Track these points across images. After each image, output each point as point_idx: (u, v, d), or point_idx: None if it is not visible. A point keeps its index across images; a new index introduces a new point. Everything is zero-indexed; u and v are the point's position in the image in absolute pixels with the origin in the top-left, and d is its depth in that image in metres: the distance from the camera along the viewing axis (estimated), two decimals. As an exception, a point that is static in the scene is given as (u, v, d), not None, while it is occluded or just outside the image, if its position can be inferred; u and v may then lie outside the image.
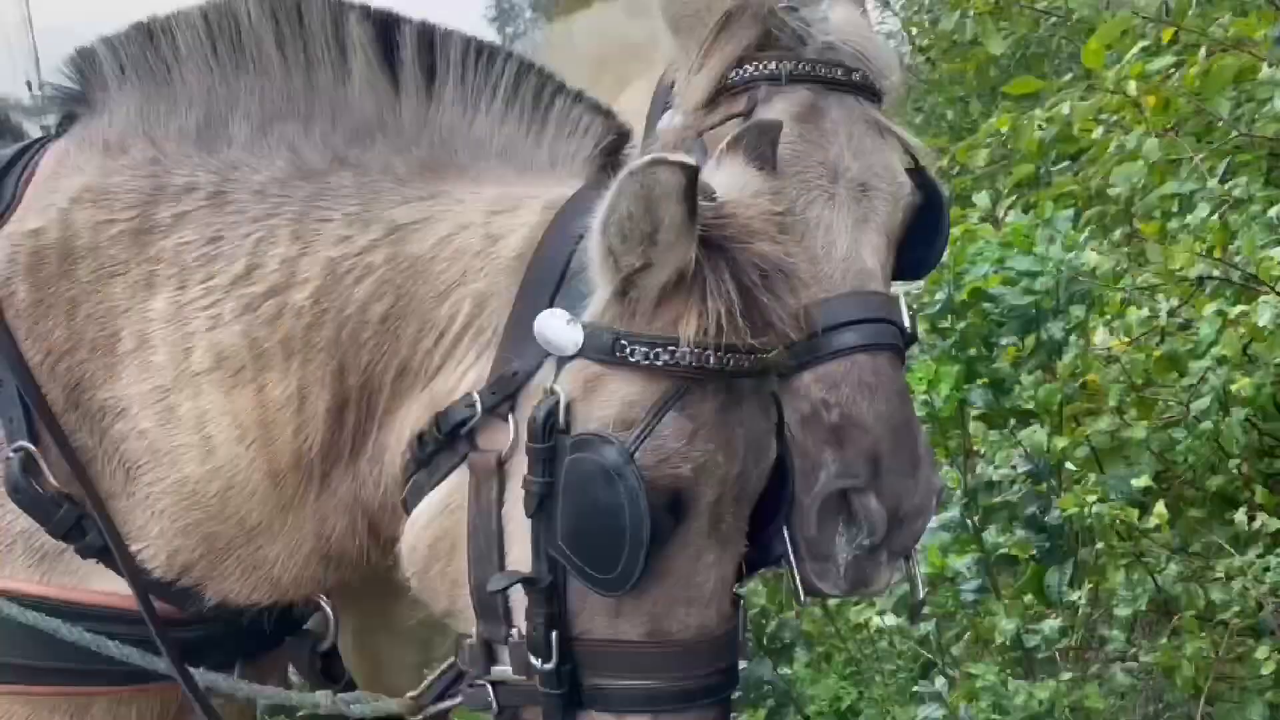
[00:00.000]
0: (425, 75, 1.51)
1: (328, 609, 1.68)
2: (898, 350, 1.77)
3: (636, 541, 1.29)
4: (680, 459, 1.33)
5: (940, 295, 3.33)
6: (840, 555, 1.67)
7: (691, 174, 1.26)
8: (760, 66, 1.81)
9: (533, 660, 1.37)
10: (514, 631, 1.39)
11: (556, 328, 1.35)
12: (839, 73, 1.83)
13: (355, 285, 1.45)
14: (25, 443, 1.50)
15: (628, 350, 1.33)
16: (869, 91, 1.86)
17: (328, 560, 1.55)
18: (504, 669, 1.42)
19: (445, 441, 1.42)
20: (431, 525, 1.44)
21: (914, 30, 7.41)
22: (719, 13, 1.86)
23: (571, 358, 1.35)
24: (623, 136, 1.54)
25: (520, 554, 1.38)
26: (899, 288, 1.94)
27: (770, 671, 3.41)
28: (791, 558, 1.68)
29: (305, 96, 1.53)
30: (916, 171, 1.88)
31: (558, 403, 1.33)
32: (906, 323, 1.79)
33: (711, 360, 1.32)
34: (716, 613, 1.39)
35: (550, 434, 1.33)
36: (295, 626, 1.68)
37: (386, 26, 1.51)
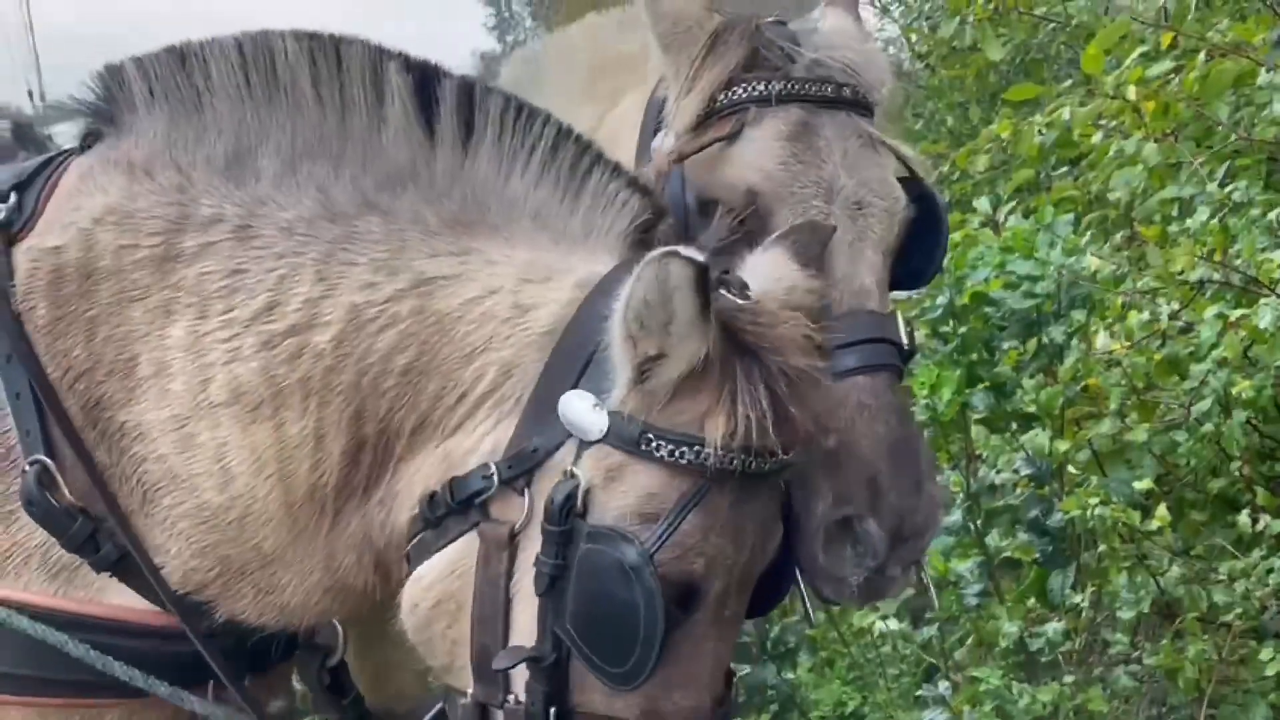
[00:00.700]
0: (463, 129, 1.50)
1: (337, 623, 1.69)
2: (896, 369, 1.77)
3: (650, 641, 1.31)
4: (694, 554, 1.36)
5: (941, 299, 3.33)
6: (851, 576, 1.68)
7: (700, 270, 1.28)
8: (749, 88, 1.81)
9: None
10: (510, 698, 1.41)
11: (582, 411, 1.36)
12: (828, 90, 1.83)
13: (379, 334, 1.45)
14: (41, 456, 1.51)
15: (653, 445, 1.34)
16: (861, 106, 1.86)
17: (334, 593, 1.56)
18: None
19: (457, 508, 1.43)
20: (436, 586, 1.46)
21: (913, 37, 7.42)
22: (708, 31, 1.85)
23: (594, 442, 1.36)
24: (659, 214, 1.53)
25: (525, 626, 1.39)
26: (897, 296, 1.94)
27: (774, 676, 3.42)
28: (801, 584, 1.69)
29: (338, 138, 1.52)
30: (914, 183, 1.88)
31: (577, 487, 1.35)
32: (904, 339, 1.79)
33: (735, 463, 1.34)
34: (710, 694, 1.42)
35: (567, 517, 1.35)
36: (300, 640, 1.69)
37: (426, 77, 1.51)
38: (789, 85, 1.81)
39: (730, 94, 1.82)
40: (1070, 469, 3.31)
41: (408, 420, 1.46)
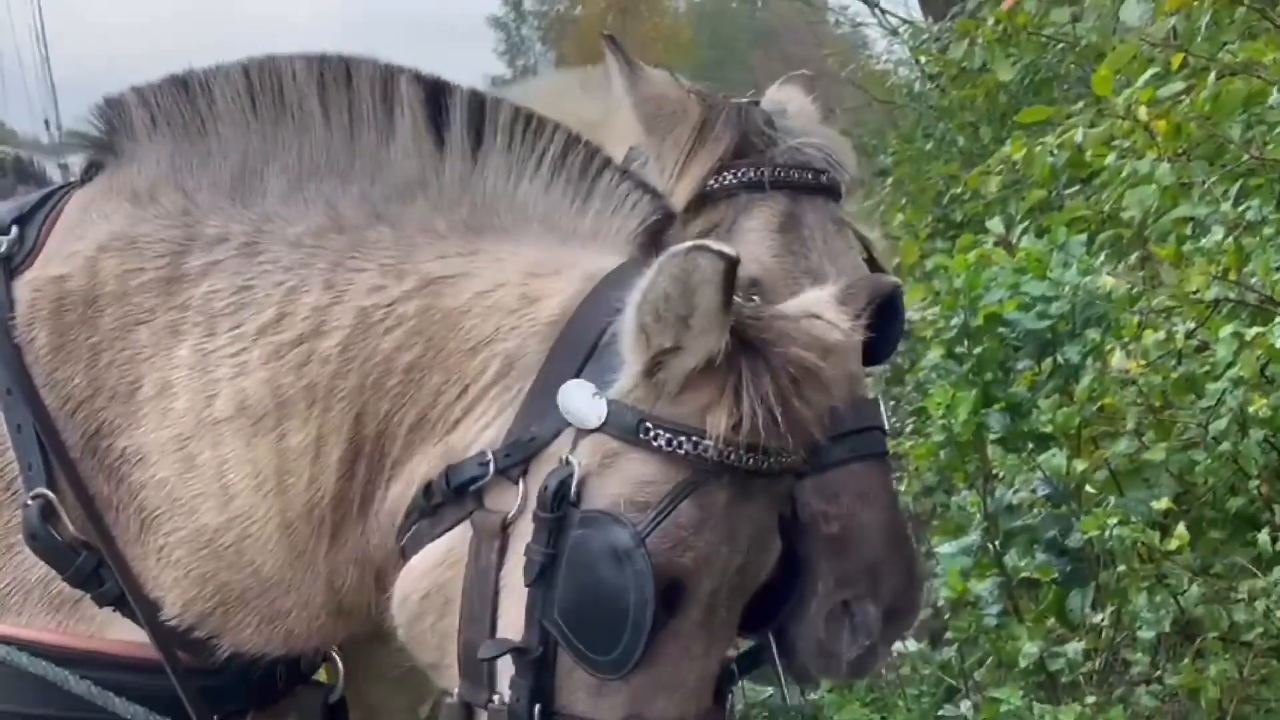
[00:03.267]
0: (472, 139, 1.51)
1: (337, 659, 1.68)
2: (885, 454, 1.84)
3: (639, 626, 1.30)
4: (685, 548, 1.34)
5: (956, 320, 3.35)
6: (844, 654, 1.73)
7: (731, 264, 1.28)
8: (739, 174, 1.87)
9: None
10: (495, 698, 1.39)
11: (581, 399, 1.36)
12: (809, 176, 1.90)
13: (385, 335, 1.45)
14: (44, 490, 1.50)
15: (651, 434, 1.33)
16: (834, 192, 1.94)
17: (339, 613, 1.55)
18: None
19: (453, 496, 1.41)
20: (427, 577, 1.44)
21: (923, 59, 7.47)
22: (693, 115, 1.90)
23: (592, 431, 1.35)
24: (669, 218, 1.54)
25: (513, 620, 1.38)
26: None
27: (794, 697, 3.41)
28: (776, 658, 1.73)
29: (346, 154, 1.53)
30: (870, 262, 1.94)
31: (571, 474, 1.34)
32: (886, 425, 1.87)
33: (733, 458, 1.34)
34: (696, 705, 1.39)
35: (560, 505, 1.34)
36: (304, 676, 1.68)
37: (436, 90, 1.53)
38: (776, 172, 1.88)
39: (720, 179, 1.88)
40: (1088, 489, 3.31)
41: (406, 417, 1.44)
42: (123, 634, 1.54)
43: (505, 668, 1.38)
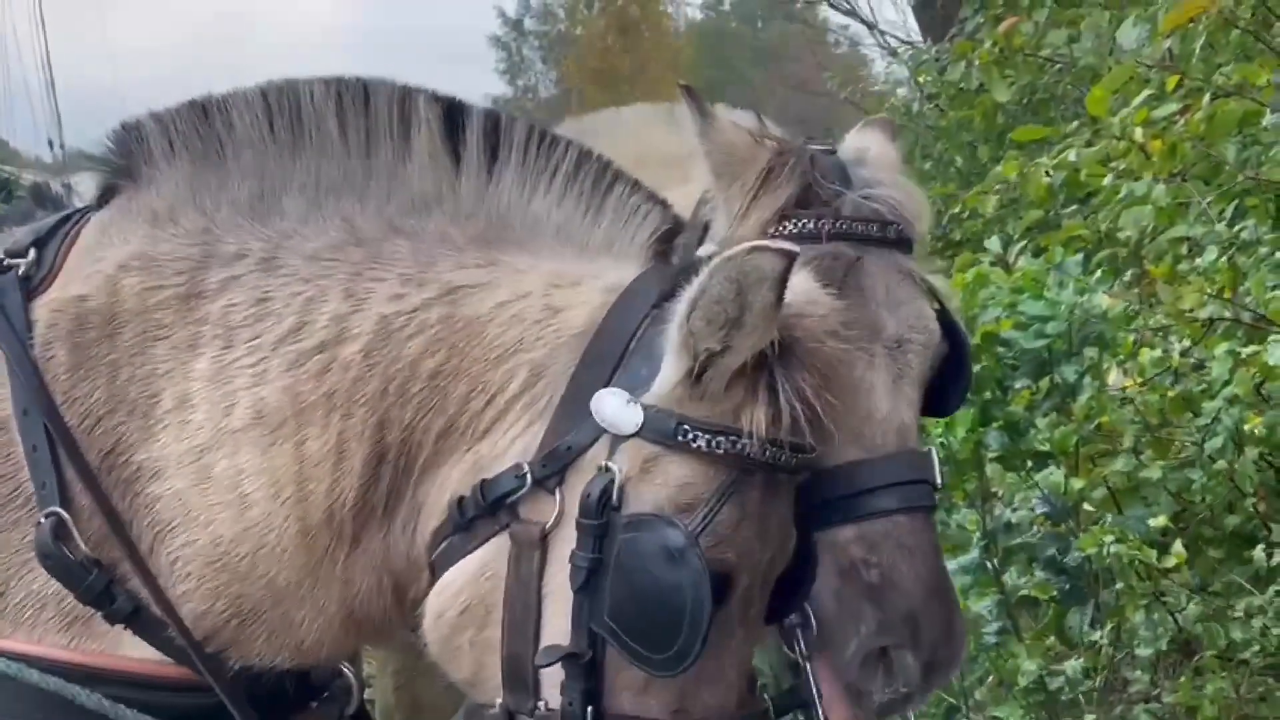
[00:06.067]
0: (488, 155, 1.55)
1: (350, 675, 1.69)
2: (933, 508, 1.84)
3: (696, 623, 1.32)
4: (728, 544, 1.38)
5: (954, 339, 3.36)
6: (876, 697, 1.74)
7: (790, 260, 1.31)
8: (799, 225, 1.85)
9: None
10: (540, 705, 1.41)
11: (615, 407, 1.38)
12: (874, 229, 1.87)
13: (407, 341, 1.47)
14: (57, 508, 1.50)
15: (690, 436, 1.36)
16: (903, 244, 1.92)
17: (350, 623, 1.55)
18: None
19: (488, 509, 1.43)
20: (464, 591, 1.45)
21: (922, 79, 7.52)
22: (761, 163, 1.90)
23: (629, 437, 1.38)
24: (678, 226, 1.57)
25: (558, 628, 1.39)
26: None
27: (790, 717, 3.41)
28: (815, 693, 1.73)
29: (363, 173, 1.56)
30: (942, 314, 1.93)
31: (612, 481, 1.36)
32: (938, 478, 1.85)
33: (769, 454, 1.38)
34: (736, 695, 1.43)
35: (603, 511, 1.36)
36: (314, 689, 1.68)
37: (453, 108, 1.57)
38: (837, 224, 1.86)
39: (780, 229, 1.87)
40: (1086, 507, 3.32)
41: (434, 425, 1.46)
42: (133, 651, 1.54)
43: (551, 674, 1.40)
